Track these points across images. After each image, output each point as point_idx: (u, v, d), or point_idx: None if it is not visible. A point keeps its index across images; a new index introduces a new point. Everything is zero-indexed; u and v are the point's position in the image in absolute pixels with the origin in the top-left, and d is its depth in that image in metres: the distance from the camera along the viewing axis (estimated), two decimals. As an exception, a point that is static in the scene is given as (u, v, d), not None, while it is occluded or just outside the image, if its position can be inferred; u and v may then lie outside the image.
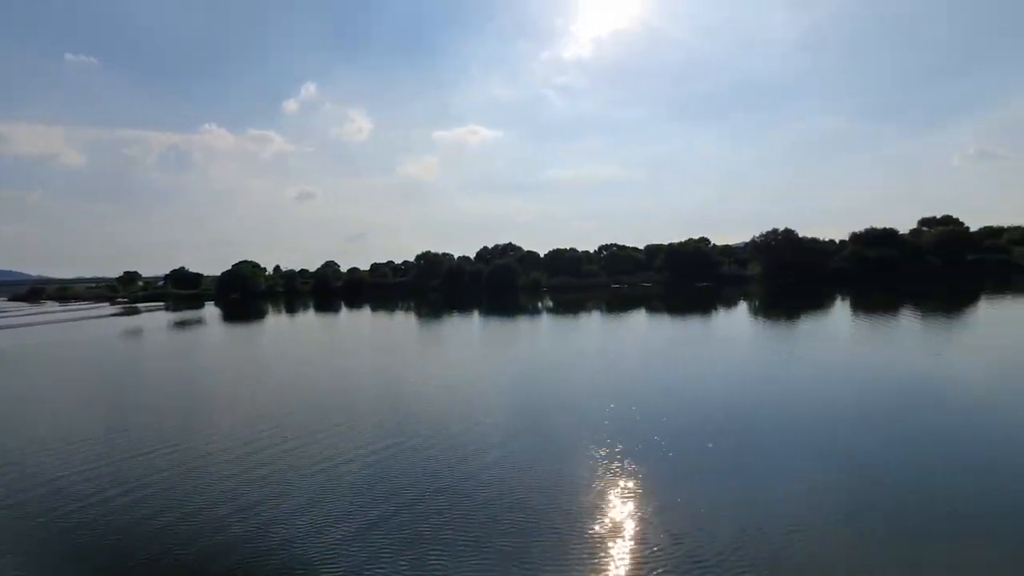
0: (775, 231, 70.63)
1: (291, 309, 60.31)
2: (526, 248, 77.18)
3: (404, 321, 43.48)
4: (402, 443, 10.43)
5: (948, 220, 74.72)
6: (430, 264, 73.11)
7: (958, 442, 9.51)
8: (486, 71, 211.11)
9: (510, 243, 78.09)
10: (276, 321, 47.60)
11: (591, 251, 76.94)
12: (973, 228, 79.25)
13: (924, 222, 76.42)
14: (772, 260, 68.79)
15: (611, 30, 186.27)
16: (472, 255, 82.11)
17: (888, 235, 71.40)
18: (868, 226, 73.02)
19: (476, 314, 44.46)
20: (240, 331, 40.87)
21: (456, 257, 77.73)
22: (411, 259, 77.84)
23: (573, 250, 73.34)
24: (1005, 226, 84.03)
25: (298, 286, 79.52)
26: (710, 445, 9.73)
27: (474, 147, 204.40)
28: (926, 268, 66.63)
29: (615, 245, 77.39)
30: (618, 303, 48.85)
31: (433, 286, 71.34)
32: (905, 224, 78.13)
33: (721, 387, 14.99)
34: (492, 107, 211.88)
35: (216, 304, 73.76)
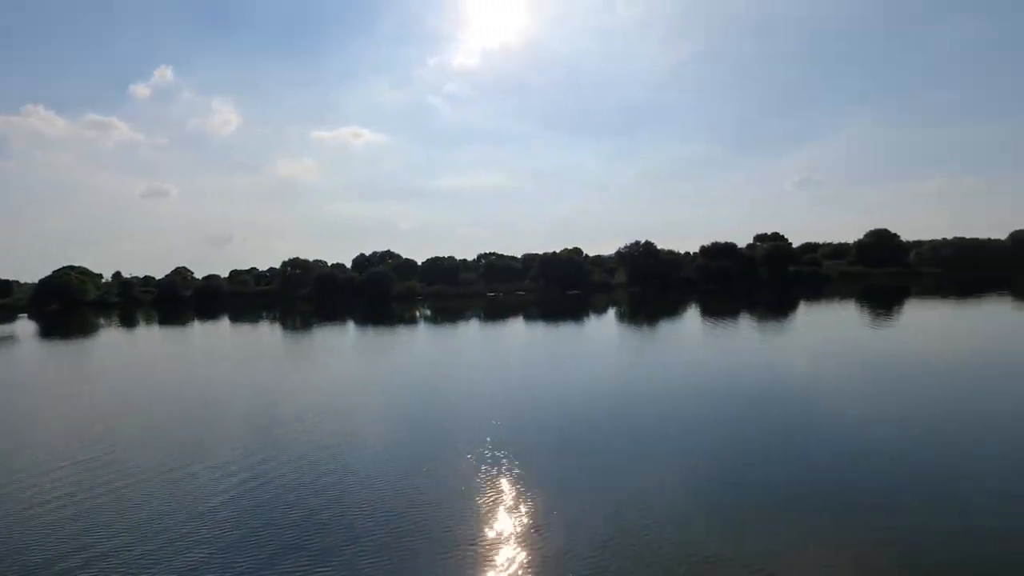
0: (637, 243, 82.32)
1: (129, 322, 55.95)
2: (407, 256, 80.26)
3: (267, 334, 42.19)
4: (264, 471, 9.65)
5: (776, 237, 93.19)
6: (299, 271, 72.59)
7: (795, 432, 11.11)
8: (373, 73, 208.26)
9: (388, 250, 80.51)
10: (107, 337, 44.11)
11: (469, 259, 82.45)
12: (796, 244, 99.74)
13: (758, 238, 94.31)
14: (635, 269, 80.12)
15: (499, 42, 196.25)
16: (352, 262, 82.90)
17: (729, 249, 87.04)
18: (714, 240, 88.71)
19: (349, 324, 44.53)
20: (54, 350, 36.88)
21: (330, 264, 78.03)
22: (278, 266, 76.36)
23: (451, 258, 78.08)
24: (821, 243, 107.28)
25: (137, 295, 73.43)
26: (584, 446, 10.56)
27: (359, 150, 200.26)
28: (758, 278, 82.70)
29: (493, 254, 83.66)
30: (495, 311, 51.95)
31: (302, 295, 70.98)
32: (744, 239, 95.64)
33: (592, 390, 16.18)
34: (379, 110, 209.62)
35: (31, 317, 65.60)
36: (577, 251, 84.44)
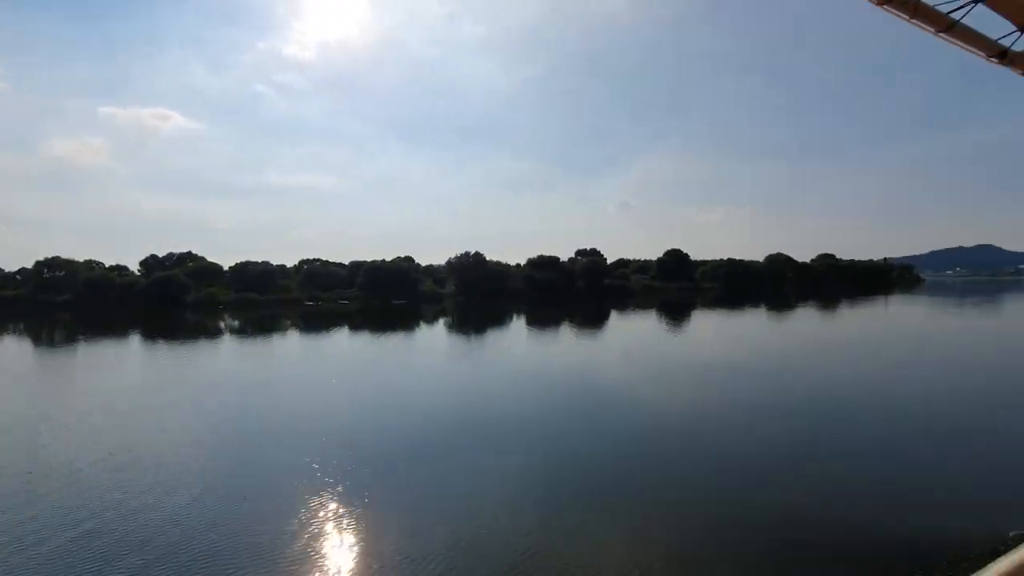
0: (467, 254, 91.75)
1: None
2: (219, 259, 76.65)
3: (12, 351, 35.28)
4: (43, 526, 8.15)
5: (594, 252, 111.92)
6: (60, 273, 64.23)
7: (616, 427, 12.78)
8: (181, 48, 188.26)
9: (190, 252, 75.80)
10: None
11: (289, 265, 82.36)
12: (611, 260, 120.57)
13: (579, 253, 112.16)
14: (464, 280, 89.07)
15: (339, 37, 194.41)
16: (140, 264, 75.56)
17: (553, 261, 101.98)
18: (540, 254, 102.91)
19: (131, 337, 40.74)
20: None
21: (109, 266, 70.48)
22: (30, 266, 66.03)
23: (266, 263, 77.21)
24: (631, 259, 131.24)
25: None
26: (417, 459, 10.77)
27: (167, 135, 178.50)
28: (576, 290, 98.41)
29: (317, 260, 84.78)
30: (314, 320, 50.65)
31: (63, 302, 63.14)
32: (568, 254, 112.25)
33: (421, 402, 16.38)
34: (193, 93, 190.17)
35: None
36: (409, 259, 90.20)
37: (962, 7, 1.75)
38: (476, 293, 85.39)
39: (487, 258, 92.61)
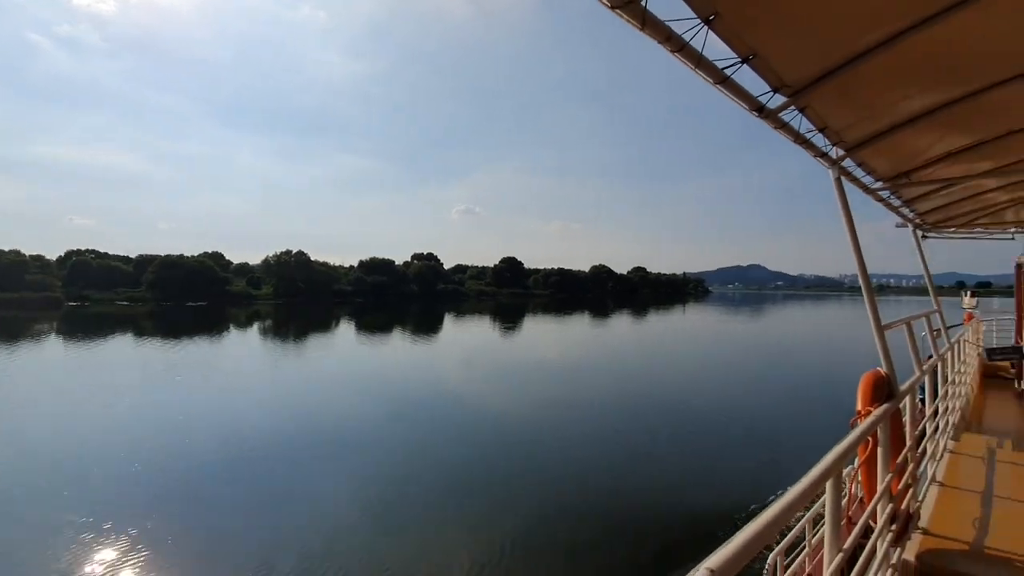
0: (289, 252, 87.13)
1: None
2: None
3: None
4: None
5: (430, 256, 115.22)
6: None
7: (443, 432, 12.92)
8: None
9: None
10: None
11: (49, 257, 68.73)
12: (451, 265, 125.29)
13: (415, 256, 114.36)
14: (284, 281, 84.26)
15: None
16: None
17: (386, 264, 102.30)
18: (378, 256, 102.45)
19: None
20: None
21: None
22: None
23: (16, 252, 63.32)
24: (469, 265, 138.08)
25: None
26: (216, 486, 9.65)
27: None
28: (409, 293, 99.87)
29: (91, 251, 72.19)
30: (81, 326, 43.32)
31: None
32: (405, 257, 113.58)
33: (223, 420, 14.42)
34: None
35: None
36: (217, 256, 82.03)
37: (731, 65, 2.06)
38: (297, 296, 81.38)
39: (313, 258, 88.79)
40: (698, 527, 7.40)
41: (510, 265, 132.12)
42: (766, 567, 2.95)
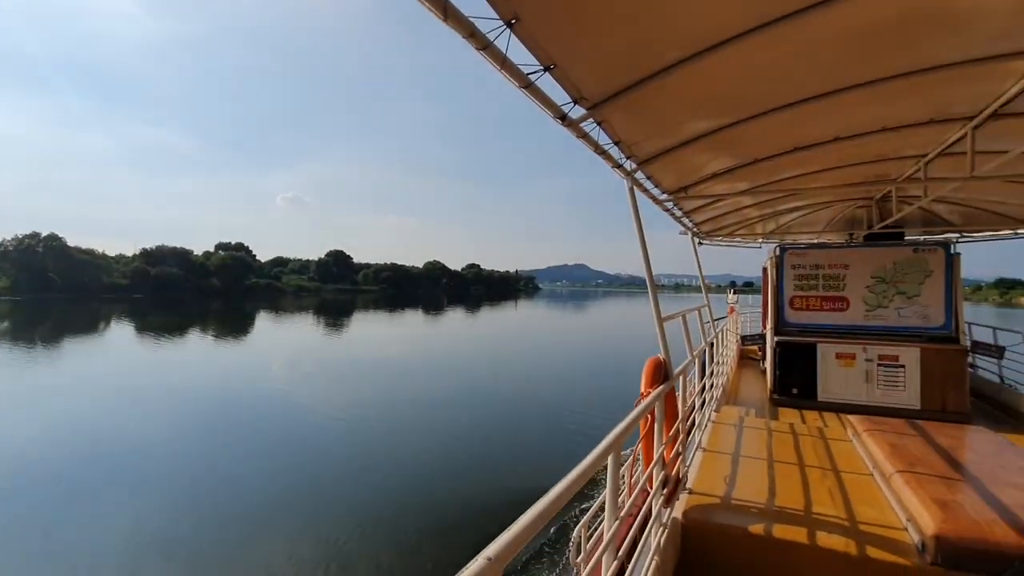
0: (36, 236, 69.27)
1: None
2: None
3: None
4: None
5: (240, 247, 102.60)
6: None
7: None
8: None
9: None
10: None
11: None
12: (270, 256, 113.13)
13: (220, 246, 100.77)
14: (29, 272, 66.64)
15: None
16: None
17: (181, 254, 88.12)
18: (176, 244, 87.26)
19: None
20: None
21: None
22: None
23: None
24: (292, 257, 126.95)
25: None
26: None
27: None
28: (210, 289, 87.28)
29: None
30: None
31: None
32: (210, 245, 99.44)
33: None
34: None
35: None
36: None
37: (535, 72, 2.14)
38: (49, 291, 65.09)
39: (88, 245, 71.76)
40: (507, 514, 8.30)
41: (337, 259, 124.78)
42: (572, 537, 3.30)
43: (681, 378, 3.69)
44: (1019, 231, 6.98)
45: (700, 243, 7.51)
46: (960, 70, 2.84)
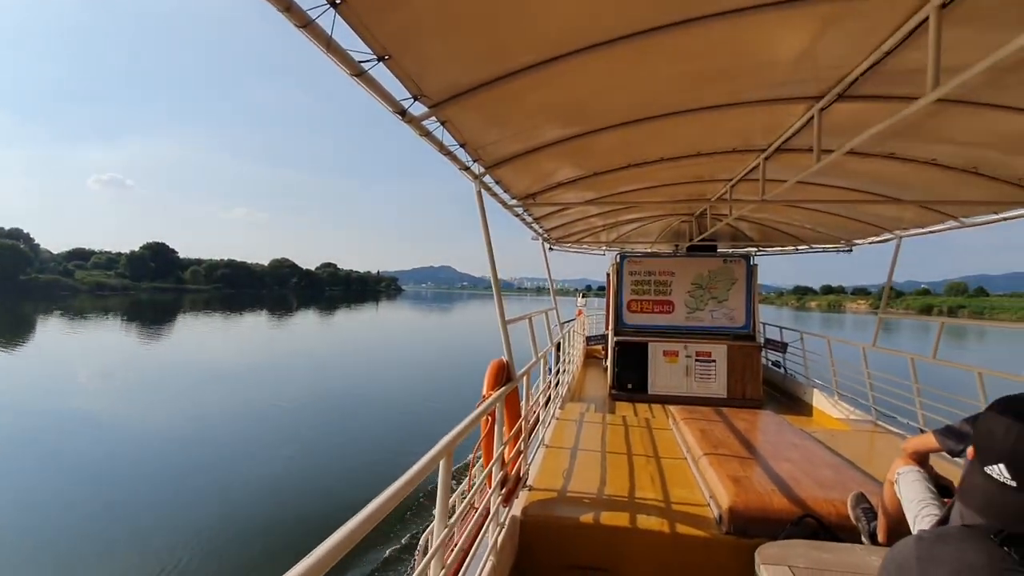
0: None
1: None
2: None
3: None
4: None
5: (13, 233, 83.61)
6: None
7: None
8: None
9: None
10: None
11: None
12: (66, 249, 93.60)
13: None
14: None
15: None
16: None
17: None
18: None
19: None
20: None
21: None
22: None
23: None
24: (97, 249, 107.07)
25: None
26: None
27: None
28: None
29: None
30: None
31: None
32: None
33: None
34: None
35: None
36: None
37: (369, 61, 1.97)
38: None
39: None
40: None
41: (157, 252, 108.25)
42: (419, 543, 3.29)
43: (525, 379, 3.86)
44: (799, 247, 8.64)
45: (550, 248, 7.99)
46: (758, 108, 3.31)
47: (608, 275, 8.53)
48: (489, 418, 3.20)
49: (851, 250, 7.62)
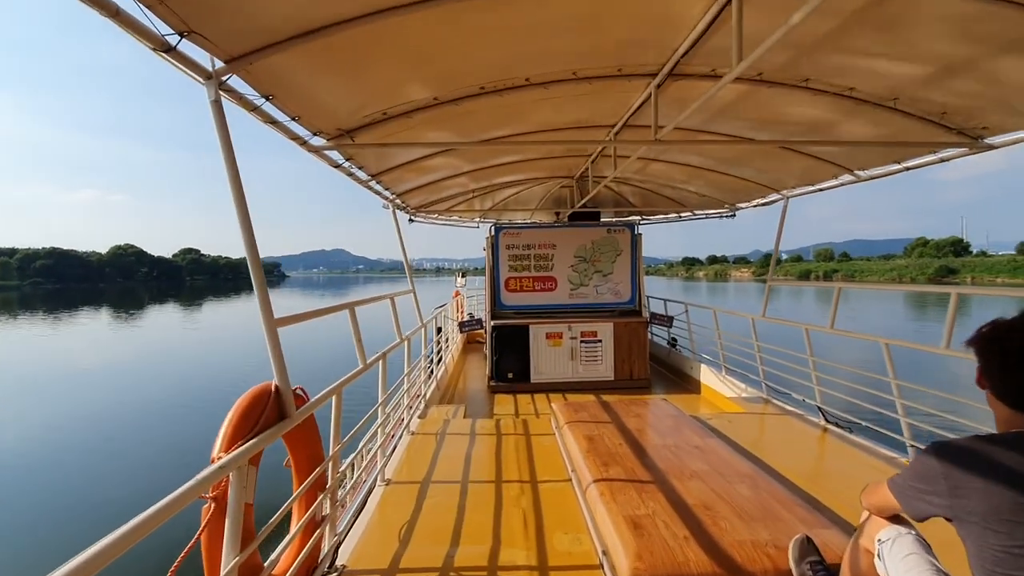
0: None
1: None
2: None
3: None
4: None
5: None
6: None
7: None
8: None
9: None
10: None
11: None
12: None
13: None
14: None
15: None
16: None
17: None
18: None
19: None
20: None
21: None
22: None
23: None
24: None
25: None
26: None
27: None
28: None
29: None
30: None
31: None
32: None
33: None
34: None
35: None
36: None
37: (172, 35, 1.83)
38: None
39: None
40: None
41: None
42: None
43: (334, 398, 2.90)
44: (683, 214, 8.53)
45: (411, 220, 7.09)
46: (640, 29, 2.95)
47: (486, 249, 7.83)
48: (212, 503, 2.07)
49: (734, 215, 7.57)
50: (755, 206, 6.84)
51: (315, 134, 3.25)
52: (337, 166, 3.82)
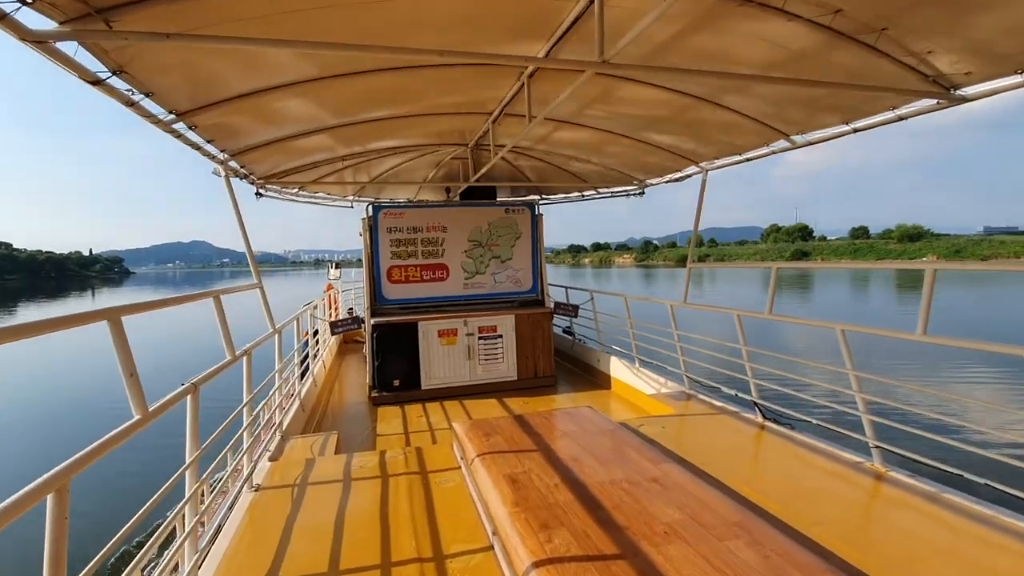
0: None
1: None
2: None
3: None
4: None
5: None
6: None
7: None
8: None
9: None
10: None
11: None
12: None
13: None
14: None
15: None
16: None
17: None
18: None
19: None
20: None
21: None
22: None
23: None
24: None
25: None
26: None
27: None
28: None
29: None
30: None
31: None
32: None
33: None
34: None
35: None
36: None
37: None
38: None
39: None
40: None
41: None
42: None
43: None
44: (586, 193, 7.95)
45: (259, 194, 5.71)
46: None
47: (361, 235, 6.63)
48: None
49: (643, 193, 7.10)
50: (668, 182, 6.38)
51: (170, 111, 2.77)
52: (96, 83, 2.22)
